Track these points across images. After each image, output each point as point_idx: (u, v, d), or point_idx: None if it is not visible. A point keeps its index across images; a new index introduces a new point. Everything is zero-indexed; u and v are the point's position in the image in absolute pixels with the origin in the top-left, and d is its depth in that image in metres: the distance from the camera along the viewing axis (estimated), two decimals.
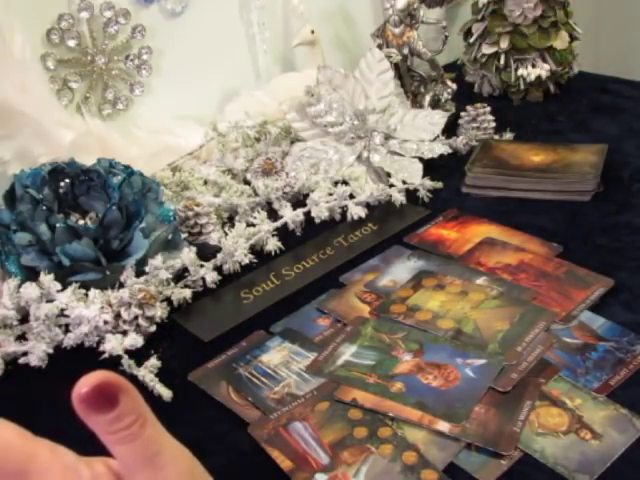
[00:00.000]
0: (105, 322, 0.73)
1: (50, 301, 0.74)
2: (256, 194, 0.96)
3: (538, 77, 1.22)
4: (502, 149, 1.04)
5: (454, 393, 0.64)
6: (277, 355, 0.72)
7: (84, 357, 0.72)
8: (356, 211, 0.92)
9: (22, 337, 0.73)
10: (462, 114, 1.11)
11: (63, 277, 0.76)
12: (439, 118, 1.07)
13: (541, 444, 0.59)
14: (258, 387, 0.68)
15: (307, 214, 0.91)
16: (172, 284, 0.79)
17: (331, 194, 0.93)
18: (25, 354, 0.72)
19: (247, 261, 0.84)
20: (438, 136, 1.05)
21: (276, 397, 0.66)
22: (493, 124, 1.10)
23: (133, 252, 0.79)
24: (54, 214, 0.78)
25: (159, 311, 0.75)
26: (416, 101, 1.17)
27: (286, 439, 0.62)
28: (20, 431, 0.37)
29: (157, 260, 0.78)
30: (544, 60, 1.23)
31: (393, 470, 0.59)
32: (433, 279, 0.80)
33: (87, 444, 0.56)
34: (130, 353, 0.71)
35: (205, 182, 0.98)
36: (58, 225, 0.76)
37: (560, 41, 1.22)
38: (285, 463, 0.60)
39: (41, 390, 0.71)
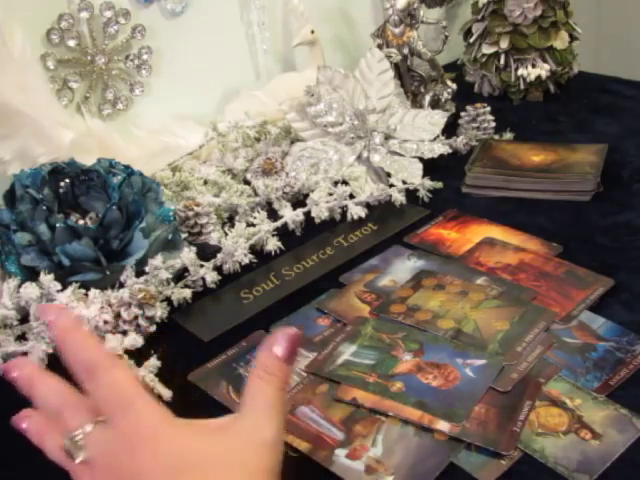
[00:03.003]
0: (105, 322, 0.73)
1: (50, 301, 0.73)
2: (256, 194, 0.96)
3: (538, 77, 1.22)
4: (502, 149, 1.04)
5: (454, 393, 0.64)
6: None
7: None
8: (356, 211, 0.92)
9: (22, 337, 0.73)
10: (462, 114, 1.11)
11: (63, 277, 0.76)
12: (439, 118, 1.07)
13: (541, 444, 0.59)
14: None
15: (307, 214, 0.91)
16: (172, 284, 0.79)
17: (331, 194, 0.93)
18: (25, 354, 0.72)
19: (247, 261, 0.84)
20: (438, 136, 1.05)
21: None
22: (493, 124, 1.10)
23: (133, 252, 0.79)
24: (54, 214, 0.78)
25: (159, 311, 0.75)
26: (416, 101, 1.17)
27: (296, 423, 0.63)
28: None
29: (157, 260, 0.78)
30: (544, 60, 1.23)
31: (408, 433, 0.61)
32: (433, 279, 0.80)
33: None
34: (130, 353, 0.71)
35: (205, 182, 0.98)
36: (58, 225, 0.76)
37: (560, 41, 1.22)
38: (302, 445, 0.61)
39: None
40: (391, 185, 0.96)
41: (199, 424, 0.48)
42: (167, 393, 0.67)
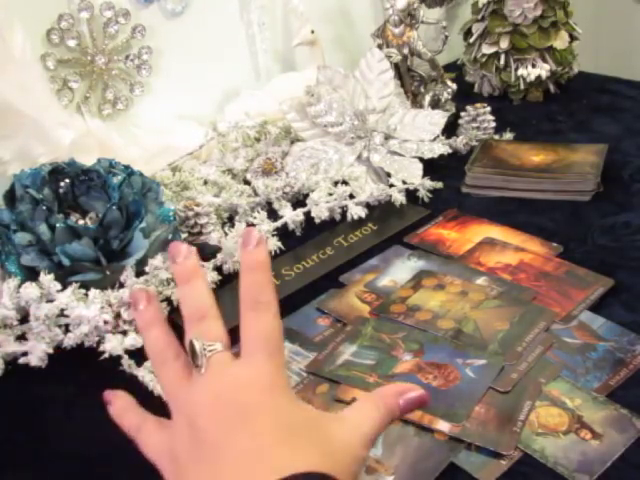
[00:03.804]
0: (105, 322, 0.73)
1: (50, 301, 0.73)
2: (256, 194, 0.96)
3: (538, 77, 1.22)
4: (502, 149, 1.04)
5: (454, 393, 0.64)
6: None
7: (84, 357, 0.72)
8: (356, 211, 0.92)
9: (22, 337, 0.73)
10: (462, 114, 1.11)
11: (63, 277, 0.76)
12: (439, 118, 1.07)
13: (541, 444, 0.59)
14: None
15: (307, 214, 0.91)
16: (172, 284, 0.79)
17: (331, 194, 0.93)
18: (25, 354, 0.72)
19: None
20: (438, 136, 1.05)
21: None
22: (493, 124, 1.10)
23: (133, 252, 0.79)
24: (54, 214, 0.78)
25: None
26: (416, 101, 1.17)
27: None
28: None
29: (157, 260, 0.78)
30: (544, 60, 1.23)
31: (408, 433, 0.61)
32: (433, 279, 0.80)
33: (85, 444, 0.56)
34: (130, 353, 0.71)
35: (205, 182, 0.98)
36: (58, 225, 0.76)
37: (560, 41, 1.22)
38: None
39: (41, 390, 0.71)
40: (391, 185, 0.96)
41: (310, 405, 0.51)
42: None
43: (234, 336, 0.75)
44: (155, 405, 0.51)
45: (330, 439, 0.46)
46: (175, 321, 0.78)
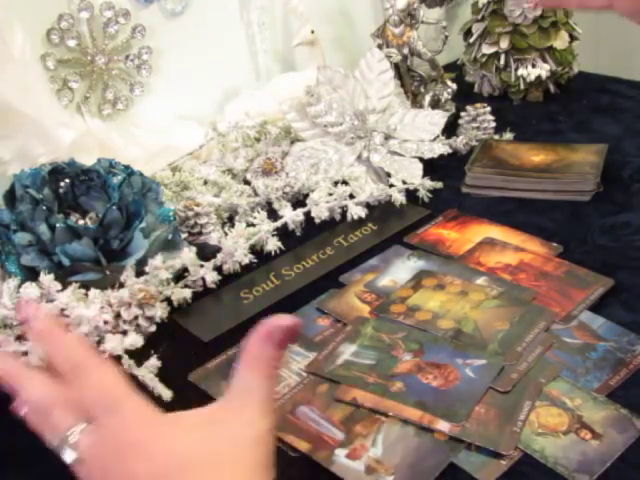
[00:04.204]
0: (105, 322, 0.72)
1: (50, 301, 0.73)
2: (256, 194, 0.96)
3: (538, 77, 1.22)
4: (502, 149, 1.04)
5: (454, 393, 0.64)
6: None
7: None
8: (356, 211, 0.92)
9: (22, 337, 0.73)
10: (462, 114, 1.11)
11: (63, 277, 0.76)
12: (439, 118, 1.07)
13: (541, 444, 0.59)
14: None
15: (307, 214, 0.91)
16: (172, 284, 0.79)
17: (331, 194, 0.93)
18: (25, 354, 0.72)
19: (247, 261, 0.84)
20: (438, 136, 1.05)
21: (276, 397, 0.66)
22: (493, 124, 1.10)
23: (133, 252, 0.79)
24: (54, 214, 0.78)
25: (159, 311, 0.75)
26: (416, 101, 1.17)
27: (296, 423, 0.63)
28: None
29: (157, 260, 0.78)
30: (544, 60, 1.23)
31: (408, 433, 0.61)
32: (433, 279, 0.80)
33: None
34: (130, 353, 0.71)
35: (205, 182, 0.98)
36: (58, 225, 0.76)
37: (560, 41, 1.22)
38: (302, 445, 0.61)
39: None
40: (391, 185, 0.96)
41: (185, 419, 0.47)
42: (167, 393, 0.67)
43: (238, 335, 0.75)
44: (154, 404, 0.51)
45: (227, 445, 0.45)
46: (175, 320, 0.78)
